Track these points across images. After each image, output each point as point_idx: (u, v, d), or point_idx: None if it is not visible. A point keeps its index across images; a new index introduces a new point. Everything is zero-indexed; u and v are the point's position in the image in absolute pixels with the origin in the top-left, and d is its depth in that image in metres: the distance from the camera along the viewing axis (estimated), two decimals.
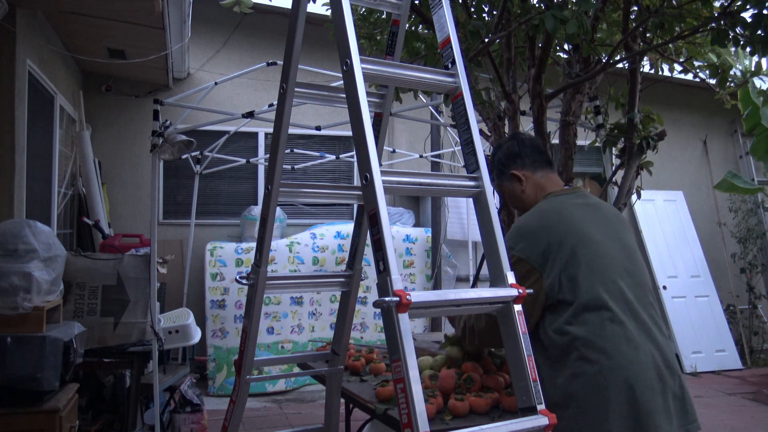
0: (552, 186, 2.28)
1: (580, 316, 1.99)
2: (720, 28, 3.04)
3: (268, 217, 2.22)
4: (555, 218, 2.11)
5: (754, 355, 8.07)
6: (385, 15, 3.93)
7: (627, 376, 1.93)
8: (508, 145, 2.35)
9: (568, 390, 1.96)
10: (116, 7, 4.28)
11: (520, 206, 2.32)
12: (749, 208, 8.64)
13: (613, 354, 1.95)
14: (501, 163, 2.33)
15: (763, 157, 7.10)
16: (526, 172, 2.28)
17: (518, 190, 2.30)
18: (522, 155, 2.30)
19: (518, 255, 2.04)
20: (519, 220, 2.19)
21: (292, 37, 2.12)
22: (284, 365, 5.48)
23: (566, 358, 1.98)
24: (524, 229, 2.11)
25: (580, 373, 1.95)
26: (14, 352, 2.94)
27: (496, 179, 2.35)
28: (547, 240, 2.05)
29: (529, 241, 2.07)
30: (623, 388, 1.92)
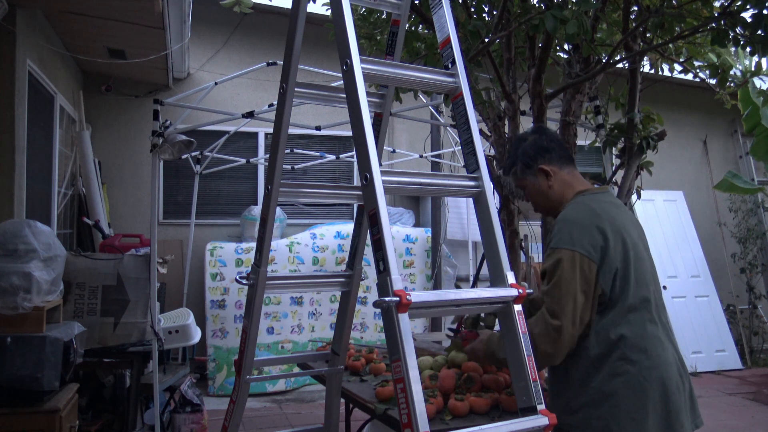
0: (580, 183, 2.21)
1: (626, 317, 1.98)
2: (720, 28, 3.04)
3: (268, 217, 2.22)
4: (604, 216, 2.04)
5: (754, 355, 8.07)
6: (385, 15, 3.93)
7: (661, 375, 1.96)
8: (534, 139, 2.24)
9: (604, 389, 1.94)
10: (116, 7, 4.28)
11: (544, 202, 2.24)
12: (749, 208, 8.64)
13: (652, 354, 1.97)
14: (528, 156, 2.21)
15: (763, 157, 7.10)
16: (554, 168, 2.20)
17: (545, 185, 2.20)
18: (550, 150, 2.21)
19: (579, 251, 1.95)
20: (565, 215, 2.07)
21: (292, 37, 2.12)
22: (284, 365, 5.48)
23: (607, 358, 1.96)
24: (579, 225, 2.01)
25: (621, 373, 1.94)
26: (14, 352, 2.94)
27: (520, 173, 2.24)
28: (602, 236, 1.99)
29: (588, 236, 1.98)
30: (659, 387, 1.95)
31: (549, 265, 1.99)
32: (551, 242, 2.02)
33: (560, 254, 1.97)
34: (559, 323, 1.92)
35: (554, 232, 2.03)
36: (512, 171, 2.26)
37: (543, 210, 2.27)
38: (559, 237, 2.00)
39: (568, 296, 1.92)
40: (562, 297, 1.93)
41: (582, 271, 1.94)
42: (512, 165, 2.25)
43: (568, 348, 1.96)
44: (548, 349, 1.94)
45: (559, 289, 1.94)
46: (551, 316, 1.94)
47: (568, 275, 1.94)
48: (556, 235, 2.02)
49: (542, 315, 1.97)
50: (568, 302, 1.92)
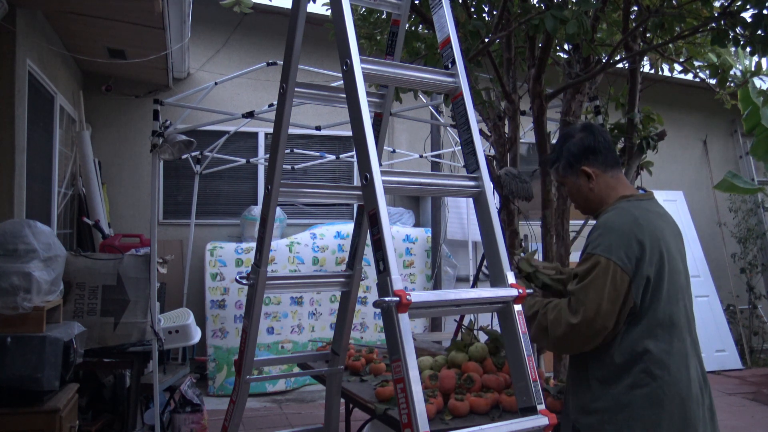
0: (624, 188, 2.17)
1: (654, 331, 1.98)
2: (720, 28, 3.04)
3: (268, 217, 2.22)
4: (645, 226, 2.02)
5: (754, 355, 8.07)
6: (385, 15, 3.93)
7: (681, 391, 1.98)
8: (581, 137, 2.18)
9: (622, 398, 1.96)
10: (116, 7, 4.28)
11: (583, 204, 2.21)
12: (749, 208, 8.64)
13: (674, 371, 1.98)
14: (572, 155, 2.16)
15: (763, 157, 7.10)
16: (597, 170, 2.15)
17: (585, 187, 2.16)
18: (596, 151, 2.15)
19: (614, 260, 1.95)
20: (607, 220, 2.05)
21: (292, 37, 2.12)
22: (284, 365, 5.48)
23: (630, 368, 1.97)
24: (619, 233, 1.99)
25: (641, 385, 1.95)
26: (14, 352, 2.94)
27: (561, 170, 2.21)
28: (640, 248, 1.97)
29: (626, 247, 1.97)
30: (677, 402, 1.96)
31: (583, 269, 1.99)
32: (589, 246, 2.02)
33: (596, 260, 1.97)
34: (576, 321, 1.94)
35: (594, 236, 2.03)
36: (554, 167, 2.24)
37: (581, 209, 2.25)
38: (598, 243, 2.00)
39: (593, 301, 1.93)
40: (587, 300, 1.93)
41: (613, 281, 1.94)
42: (555, 161, 2.22)
43: (585, 344, 1.97)
44: (559, 335, 1.97)
45: (587, 292, 1.94)
46: (571, 312, 1.96)
47: (600, 282, 1.94)
48: (595, 240, 2.01)
49: (561, 307, 1.99)
50: (592, 306, 1.93)
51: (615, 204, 2.12)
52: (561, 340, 1.99)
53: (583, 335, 1.95)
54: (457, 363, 2.64)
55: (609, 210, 2.10)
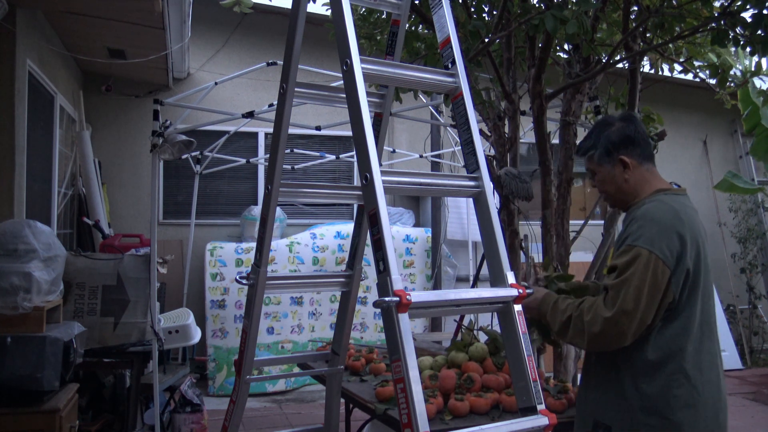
0: (658, 182, 2.13)
1: (690, 329, 1.95)
2: (720, 28, 3.04)
3: (268, 217, 2.22)
4: (685, 221, 1.98)
5: (754, 355, 8.07)
6: (385, 15, 3.93)
7: (713, 393, 1.96)
8: (621, 126, 2.12)
9: (659, 400, 1.92)
10: (116, 7, 4.28)
11: (615, 194, 2.15)
12: (749, 208, 8.64)
13: (705, 371, 1.96)
14: (611, 143, 2.10)
15: (763, 157, 7.10)
16: (634, 161, 2.10)
17: (620, 177, 2.11)
18: (636, 142, 2.10)
19: (656, 253, 1.90)
20: (647, 212, 1.99)
21: (292, 37, 2.12)
22: (284, 365, 5.48)
23: (664, 367, 1.93)
24: (661, 226, 1.94)
25: (678, 386, 1.92)
26: (14, 352, 2.94)
27: (597, 159, 2.14)
28: (681, 242, 1.94)
29: (668, 240, 1.93)
30: (710, 404, 1.94)
31: (624, 261, 1.92)
32: (628, 238, 1.96)
33: (637, 252, 1.91)
34: (610, 315, 1.88)
35: (634, 227, 1.96)
36: (589, 154, 2.17)
37: (611, 200, 2.19)
38: (639, 234, 1.94)
39: (634, 295, 1.87)
40: (628, 294, 1.88)
41: (654, 275, 1.89)
42: (591, 148, 2.15)
43: (622, 339, 1.91)
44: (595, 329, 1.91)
45: (628, 285, 1.88)
46: (606, 306, 1.91)
47: (641, 275, 1.89)
48: (636, 232, 1.95)
49: (597, 304, 1.94)
50: (632, 300, 1.87)
51: (652, 196, 2.06)
52: (599, 337, 1.91)
53: (620, 329, 1.88)
54: (457, 363, 2.64)
55: (646, 202, 2.05)
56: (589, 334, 1.92)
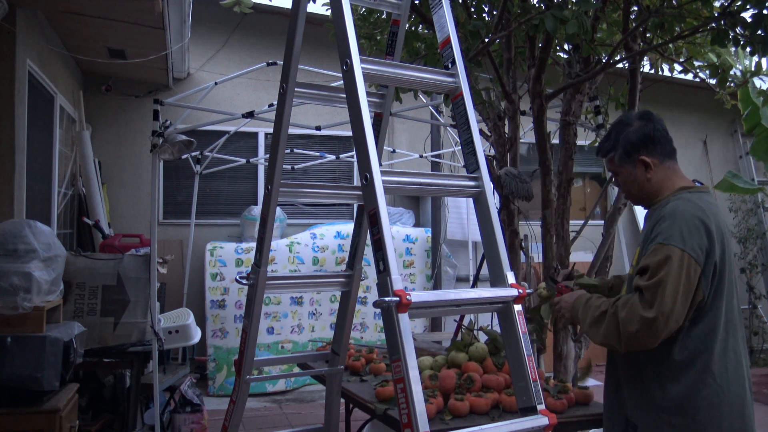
0: (681, 180, 2.11)
1: (716, 328, 1.94)
2: (720, 28, 3.04)
3: (268, 217, 2.22)
4: (712, 218, 1.98)
5: (754, 355, 8.07)
6: (385, 15, 3.93)
7: (739, 392, 1.95)
8: (639, 126, 2.10)
9: (684, 400, 1.92)
10: (116, 7, 4.28)
11: (638, 194, 2.14)
12: (749, 208, 8.64)
13: (731, 369, 1.95)
14: (630, 144, 2.08)
15: (763, 157, 7.09)
16: (655, 160, 2.08)
17: (642, 177, 2.09)
18: (655, 140, 2.08)
19: (688, 252, 1.88)
20: (675, 210, 1.97)
21: (292, 37, 2.12)
22: (284, 365, 5.48)
23: (691, 366, 1.93)
24: (690, 224, 1.93)
25: (704, 386, 1.92)
26: (14, 352, 2.94)
27: (617, 160, 2.12)
28: (709, 240, 1.93)
29: (698, 237, 1.91)
30: (736, 404, 1.94)
31: (656, 260, 1.89)
32: (658, 237, 1.93)
33: (670, 251, 1.89)
34: (653, 316, 1.84)
35: (663, 226, 1.94)
36: (609, 156, 2.15)
37: (634, 199, 2.18)
38: (670, 233, 1.91)
39: (671, 295, 1.85)
40: (666, 294, 1.85)
41: (688, 273, 1.88)
42: (611, 150, 2.14)
43: (655, 341, 1.89)
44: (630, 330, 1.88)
45: (664, 286, 1.85)
46: (645, 306, 1.87)
47: (676, 274, 1.86)
48: (666, 231, 1.92)
49: (633, 302, 1.90)
50: (669, 300, 1.85)
51: (677, 194, 2.05)
52: (635, 337, 1.88)
53: (658, 330, 1.86)
54: (457, 363, 2.64)
55: (671, 200, 2.03)
56: (625, 333, 1.89)
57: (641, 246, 2.05)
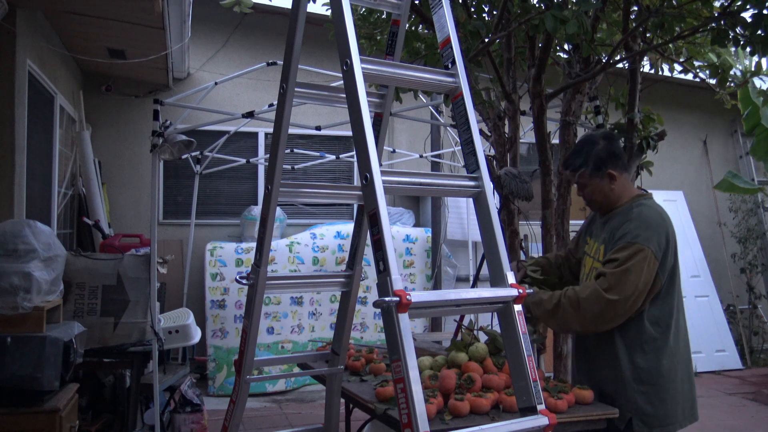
0: (633, 189, 2.56)
1: (675, 308, 2.39)
2: (720, 28, 3.05)
3: (268, 217, 2.22)
4: (667, 222, 2.42)
5: (754, 355, 8.07)
6: (385, 15, 3.93)
7: (687, 362, 2.43)
8: (606, 144, 2.49)
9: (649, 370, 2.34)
10: (116, 7, 4.28)
11: (602, 202, 2.52)
12: (749, 208, 8.64)
13: (681, 344, 2.41)
14: (600, 160, 2.47)
15: (763, 157, 7.10)
16: (618, 173, 2.47)
17: (608, 187, 2.48)
18: (619, 156, 2.49)
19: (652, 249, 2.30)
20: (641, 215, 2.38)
21: (292, 37, 2.12)
22: (284, 365, 5.48)
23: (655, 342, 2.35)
24: (654, 226, 2.36)
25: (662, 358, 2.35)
26: (14, 352, 2.94)
27: (589, 174, 2.49)
28: (666, 240, 2.36)
29: (658, 237, 2.34)
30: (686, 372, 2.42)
31: (625, 254, 2.30)
32: (627, 236, 2.34)
33: (638, 249, 2.30)
34: (615, 298, 2.26)
35: (631, 227, 2.35)
36: (580, 171, 2.50)
37: (597, 206, 2.56)
38: (638, 233, 2.33)
39: (633, 282, 2.27)
40: (628, 281, 2.26)
41: (649, 267, 2.29)
42: (582, 165, 2.50)
43: (613, 321, 2.31)
44: (594, 310, 2.28)
45: (628, 275, 2.27)
46: (606, 289, 2.28)
47: (639, 267, 2.28)
48: (634, 231, 2.34)
49: (595, 286, 2.30)
50: (629, 286, 2.26)
51: (636, 201, 2.47)
52: (598, 317, 2.29)
53: (620, 311, 2.28)
54: (457, 363, 2.64)
55: (633, 206, 2.44)
56: (588, 315, 2.30)
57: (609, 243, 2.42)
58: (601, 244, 2.49)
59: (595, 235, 2.58)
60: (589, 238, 2.63)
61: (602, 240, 2.48)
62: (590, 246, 2.60)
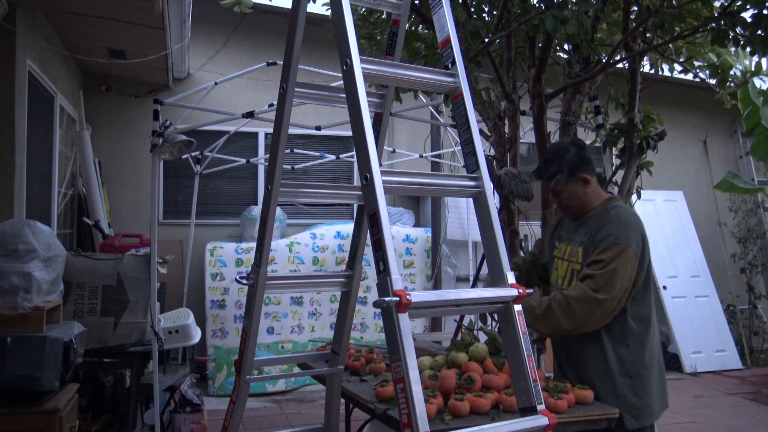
0: (603, 192, 2.67)
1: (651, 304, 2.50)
2: (720, 28, 3.05)
3: (268, 217, 2.22)
4: (641, 221, 2.54)
5: (754, 355, 8.07)
6: (385, 15, 3.94)
7: (659, 353, 2.56)
8: (577, 150, 2.59)
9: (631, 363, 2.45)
10: (116, 7, 4.28)
11: (577, 206, 2.60)
12: (749, 208, 8.64)
13: (656, 338, 2.54)
14: (574, 165, 2.56)
15: (763, 157, 7.10)
16: (591, 177, 2.59)
17: (581, 191, 2.58)
18: (589, 161, 2.61)
19: (633, 248, 2.41)
20: (619, 216, 2.48)
21: (292, 37, 2.12)
22: (284, 365, 5.48)
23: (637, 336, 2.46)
24: (633, 227, 2.47)
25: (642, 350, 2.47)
26: (14, 352, 2.94)
27: (565, 179, 2.57)
28: (642, 239, 2.47)
29: (636, 237, 2.45)
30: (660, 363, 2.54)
31: (609, 256, 2.39)
32: (609, 237, 2.43)
33: (621, 249, 2.40)
34: (604, 297, 2.35)
35: (612, 229, 2.44)
36: (556, 179, 2.58)
37: (572, 211, 2.63)
38: (619, 234, 2.43)
39: (619, 282, 2.36)
40: (615, 281, 2.36)
41: (631, 265, 2.40)
42: (558, 172, 2.58)
43: (602, 320, 2.40)
44: (585, 311, 2.36)
45: (614, 274, 2.36)
46: (596, 290, 2.36)
47: (623, 266, 2.38)
48: (615, 232, 2.43)
49: (584, 287, 2.38)
50: (616, 286, 2.36)
51: (610, 204, 2.57)
52: (589, 317, 2.37)
53: (609, 310, 2.37)
54: (457, 363, 2.64)
55: (608, 208, 2.54)
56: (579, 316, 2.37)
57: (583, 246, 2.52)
58: (578, 246, 2.57)
59: (567, 238, 2.66)
60: (558, 242, 2.72)
61: (579, 243, 2.56)
62: (560, 249, 2.69)
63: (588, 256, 2.48)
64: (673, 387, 6.77)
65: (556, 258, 2.69)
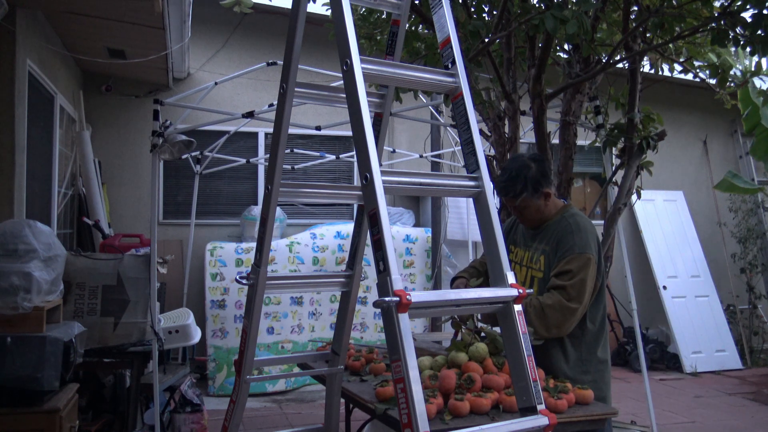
0: (558, 200, 2.75)
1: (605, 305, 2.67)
2: (720, 28, 3.05)
3: (268, 217, 2.22)
4: (593, 225, 2.68)
5: (754, 355, 8.07)
6: (385, 15, 3.94)
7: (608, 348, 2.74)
8: (537, 167, 2.65)
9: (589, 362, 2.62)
10: (116, 7, 4.28)
11: (538, 218, 2.69)
12: (749, 208, 8.64)
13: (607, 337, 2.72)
14: (537, 182, 2.63)
15: (763, 157, 7.10)
16: (550, 190, 2.67)
17: (543, 205, 2.67)
18: (548, 175, 2.68)
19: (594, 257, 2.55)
20: (580, 224, 2.61)
21: (292, 37, 2.12)
22: (284, 365, 5.48)
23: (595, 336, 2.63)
24: (592, 234, 2.61)
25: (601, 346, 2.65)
26: (14, 352, 2.94)
27: (529, 196, 2.63)
28: (598, 244, 2.62)
29: (595, 243, 2.60)
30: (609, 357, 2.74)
31: (576, 265, 2.52)
32: (575, 247, 2.55)
33: (586, 258, 2.53)
34: (577, 306, 2.50)
35: (576, 240, 2.56)
36: (522, 196, 2.64)
37: (533, 223, 2.73)
38: (584, 243, 2.56)
39: (588, 291, 2.52)
40: (584, 291, 2.50)
41: (594, 272, 2.55)
42: (523, 190, 2.64)
43: (571, 326, 2.55)
44: (558, 318, 2.48)
45: (584, 284, 2.50)
46: (569, 300, 2.49)
47: (591, 275, 2.53)
48: (580, 242, 2.56)
49: (558, 297, 2.50)
50: (585, 295, 2.51)
51: (566, 212, 2.69)
52: (562, 323, 2.51)
53: (578, 316, 2.54)
54: (457, 363, 2.64)
55: (566, 216, 2.66)
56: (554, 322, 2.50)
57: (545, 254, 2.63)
58: (539, 254, 2.67)
59: (523, 244, 2.77)
60: (513, 246, 2.81)
61: (541, 251, 2.67)
62: (516, 254, 2.79)
63: (551, 265, 2.60)
64: (673, 387, 6.77)
65: (512, 262, 2.77)
